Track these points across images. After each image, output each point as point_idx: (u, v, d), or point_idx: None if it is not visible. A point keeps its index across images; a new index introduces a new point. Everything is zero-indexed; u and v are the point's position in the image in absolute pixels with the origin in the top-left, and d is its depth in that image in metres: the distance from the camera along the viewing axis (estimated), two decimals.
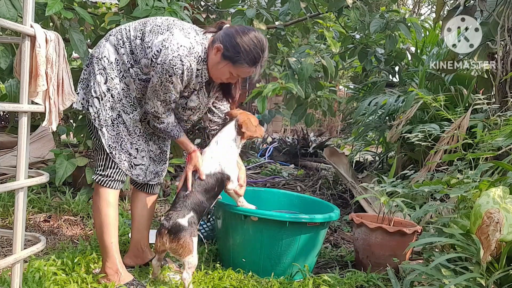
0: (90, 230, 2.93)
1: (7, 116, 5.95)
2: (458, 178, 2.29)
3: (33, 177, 1.51)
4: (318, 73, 4.39)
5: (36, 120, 4.58)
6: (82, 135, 3.72)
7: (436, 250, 2.27)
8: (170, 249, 2.05)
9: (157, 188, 2.37)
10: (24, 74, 1.40)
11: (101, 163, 2.13)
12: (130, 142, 2.13)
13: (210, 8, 4.73)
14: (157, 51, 1.97)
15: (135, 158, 2.16)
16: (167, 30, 2.01)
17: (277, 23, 4.43)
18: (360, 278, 2.39)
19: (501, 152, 2.45)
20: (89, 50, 2.20)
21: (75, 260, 2.24)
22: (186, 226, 2.05)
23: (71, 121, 4.45)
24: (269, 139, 8.33)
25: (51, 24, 3.24)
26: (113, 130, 2.09)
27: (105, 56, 2.06)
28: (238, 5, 4.38)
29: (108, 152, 2.08)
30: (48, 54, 1.43)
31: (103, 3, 4.37)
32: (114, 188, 2.13)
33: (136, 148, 2.15)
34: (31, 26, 1.40)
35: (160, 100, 2.02)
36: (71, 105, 1.99)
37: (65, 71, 1.53)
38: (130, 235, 2.46)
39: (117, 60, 2.07)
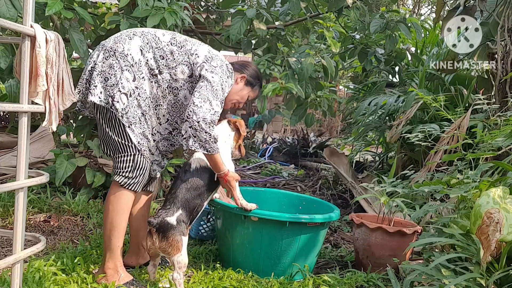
0: (90, 230, 2.93)
1: (7, 116, 5.95)
2: (458, 178, 2.29)
3: (33, 177, 1.51)
4: (318, 73, 4.39)
5: (36, 120, 4.58)
6: (82, 135, 3.72)
7: (436, 250, 2.27)
8: (159, 248, 2.02)
9: (154, 185, 2.38)
10: (24, 74, 1.40)
11: (127, 164, 2.07)
12: (153, 139, 2.16)
13: (210, 8, 4.73)
14: (210, 57, 2.14)
15: (153, 154, 2.19)
16: (202, 43, 2.24)
17: (277, 23, 4.43)
18: (360, 278, 2.39)
19: (501, 152, 2.45)
20: (99, 45, 2.14)
21: (75, 260, 2.24)
22: (175, 224, 2.03)
23: (71, 121, 4.45)
24: (269, 139, 8.33)
25: (51, 24, 3.24)
26: (141, 128, 2.08)
27: (130, 54, 2.04)
28: (238, 5, 4.38)
29: (139, 149, 2.07)
30: (48, 54, 1.43)
31: (103, 3, 4.37)
32: (137, 191, 2.12)
33: (153, 145, 2.18)
34: (31, 26, 1.40)
35: (219, 99, 2.09)
36: (75, 103, 2.00)
37: (65, 71, 1.53)
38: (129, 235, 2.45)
39: (141, 61, 2.06)
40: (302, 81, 3.76)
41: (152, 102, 2.13)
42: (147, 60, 2.08)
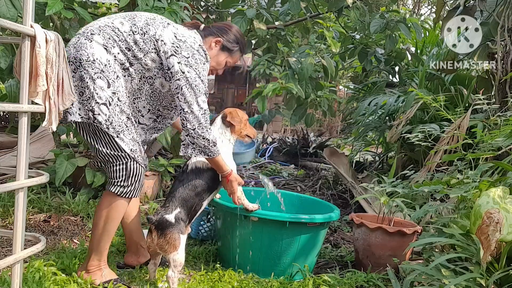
0: (90, 230, 2.92)
1: (7, 116, 5.95)
2: (458, 178, 2.29)
3: (33, 177, 1.51)
4: (318, 73, 4.39)
5: (36, 120, 4.58)
6: None
7: (436, 250, 2.27)
8: (157, 245, 2.03)
9: None
10: (24, 74, 1.40)
11: (121, 173, 1.98)
12: (140, 143, 2.10)
13: (210, 8, 4.74)
14: (178, 45, 1.98)
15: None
16: (168, 24, 2.05)
17: (277, 23, 4.43)
18: (360, 278, 2.39)
19: (501, 152, 2.45)
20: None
21: (75, 260, 2.24)
22: (173, 222, 2.04)
23: None
24: (269, 139, 8.33)
25: (51, 24, 3.24)
26: (129, 134, 1.98)
27: (97, 58, 1.91)
28: (238, 5, 4.38)
29: (132, 157, 1.98)
30: (48, 54, 1.43)
31: (103, 3, 4.37)
32: (134, 197, 2.07)
33: (141, 149, 2.12)
34: (31, 26, 1.40)
35: (203, 93, 2.00)
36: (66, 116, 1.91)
37: (65, 71, 1.53)
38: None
39: (109, 60, 1.94)
40: (302, 81, 3.76)
41: (129, 97, 2.04)
42: (115, 56, 1.95)
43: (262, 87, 3.61)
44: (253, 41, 4.47)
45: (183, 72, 1.97)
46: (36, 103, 1.44)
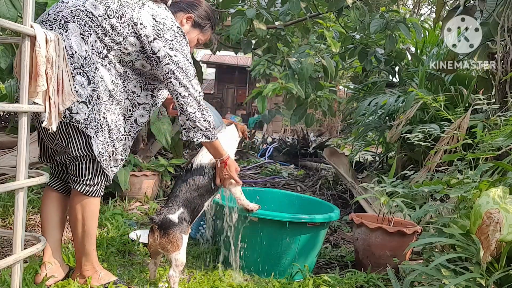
0: None
1: (7, 116, 5.95)
2: (458, 178, 2.29)
3: (33, 177, 1.51)
4: (318, 73, 4.39)
5: None
6: None
7: (436, 250, 2.27)
8: (159, 244, 2.03)
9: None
10: (24, 74, 1.40)
11: (87, 172, 1.90)
12: (112, 145, 1.96)
13: None
14: (158, 29, 1.89)
15: (117, 160, 2.01)
16: (142, 4, 1.93)
17: (277, 23, 4.43)
18: (360, 278, 2.39)
19: (501, 152, 2.45)
20: None
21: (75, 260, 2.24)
22: (176, 222, 2.04)
23: None
24: (269, 139, 8.34)
25: None
26: (102, 135, 1.88)
27: (76, 52, 1.78)
28: (238, 5, 4.38)
29: (98, 159, 1.88)
30: (48, 54, 1.43)
31: None
32: (101, 196, 1.99)
33: (114, 150, 1.98)
34: (31, 26, 1.40)
35: (194, 75, 1.95)
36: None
37: (65, 71, 1.53)
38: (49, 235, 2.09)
39: (87, 51, 1.81)
40: (302, 81, 3.76)
41: (118, 84, 1.93)
42: (92, 45, 1.83)
43: (262, 87, 3.61)
44: (253, 41, 4.47)
45: (171, 56, 1.89)
46: (36, 103, 1.44)
